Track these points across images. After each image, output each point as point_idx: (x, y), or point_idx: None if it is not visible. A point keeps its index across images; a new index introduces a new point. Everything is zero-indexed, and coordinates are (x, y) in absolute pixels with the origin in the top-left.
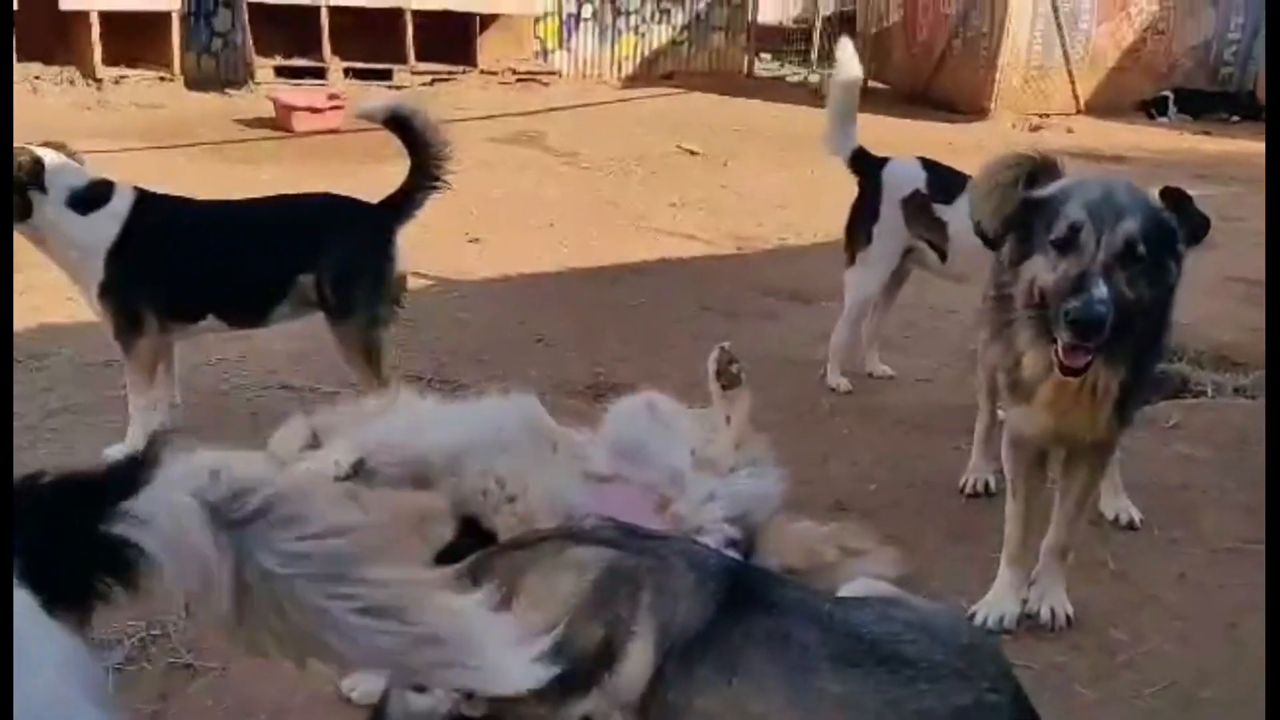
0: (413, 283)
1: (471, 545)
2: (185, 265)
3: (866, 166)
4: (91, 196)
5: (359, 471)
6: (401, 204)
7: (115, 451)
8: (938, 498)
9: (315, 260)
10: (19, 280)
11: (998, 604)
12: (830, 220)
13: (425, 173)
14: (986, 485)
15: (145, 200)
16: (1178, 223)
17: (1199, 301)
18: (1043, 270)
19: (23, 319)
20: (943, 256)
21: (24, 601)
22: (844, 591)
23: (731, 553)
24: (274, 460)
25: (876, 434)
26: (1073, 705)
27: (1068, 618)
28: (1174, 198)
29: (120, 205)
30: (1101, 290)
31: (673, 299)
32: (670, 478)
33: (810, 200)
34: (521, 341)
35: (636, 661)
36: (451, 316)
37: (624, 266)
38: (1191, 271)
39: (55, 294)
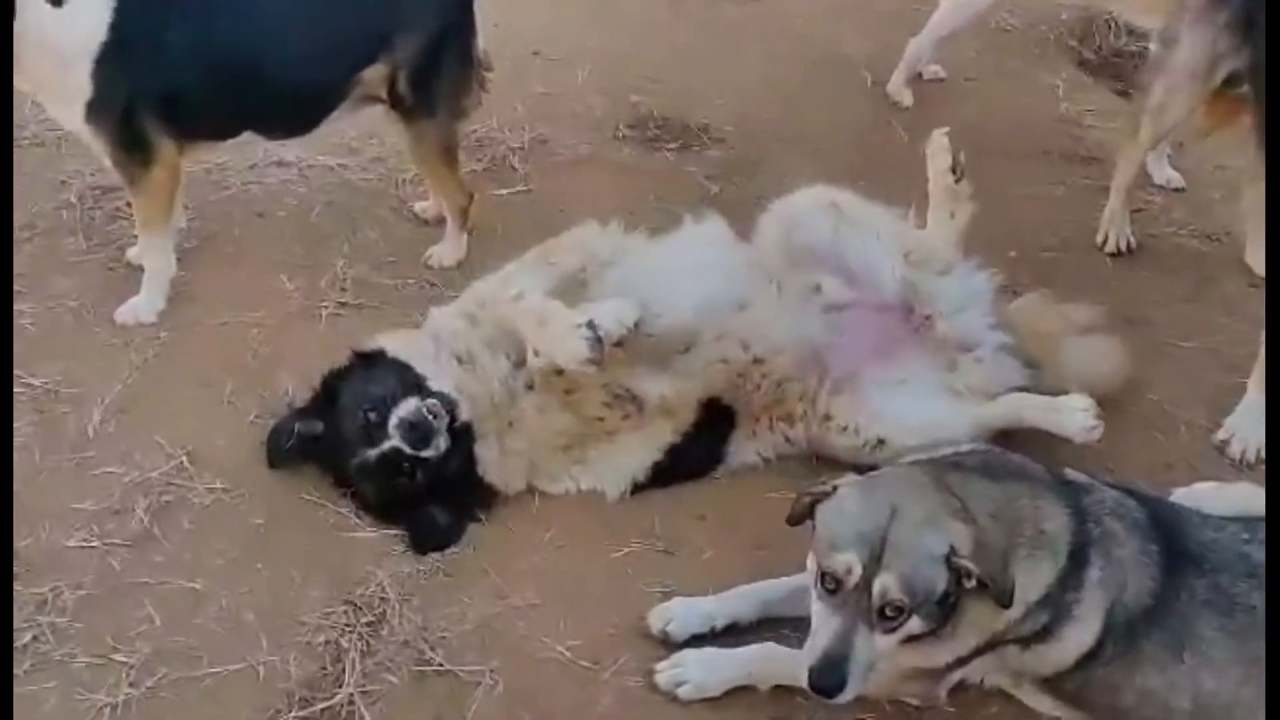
0: None
1: (713, 426)
2: (209, 67)
3: None
4: None
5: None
6: None
7: (131, 312)
8: (1079, 259)
9: (387, 46)
10: None
11: (1253, 431)
12: None
13: None
14: (1129, 243)
15: None
16: None
17: None
18: None
19: None
20: None
21: None
22: (1204, 500)
23: (1010, 361)
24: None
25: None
26: None
27: None
28: None
29: None
30: None
31: None
32: (903, 290)
33: None
34: (518, 58)
35: (1068, 644)
36: None
37: None
38: None
39: None
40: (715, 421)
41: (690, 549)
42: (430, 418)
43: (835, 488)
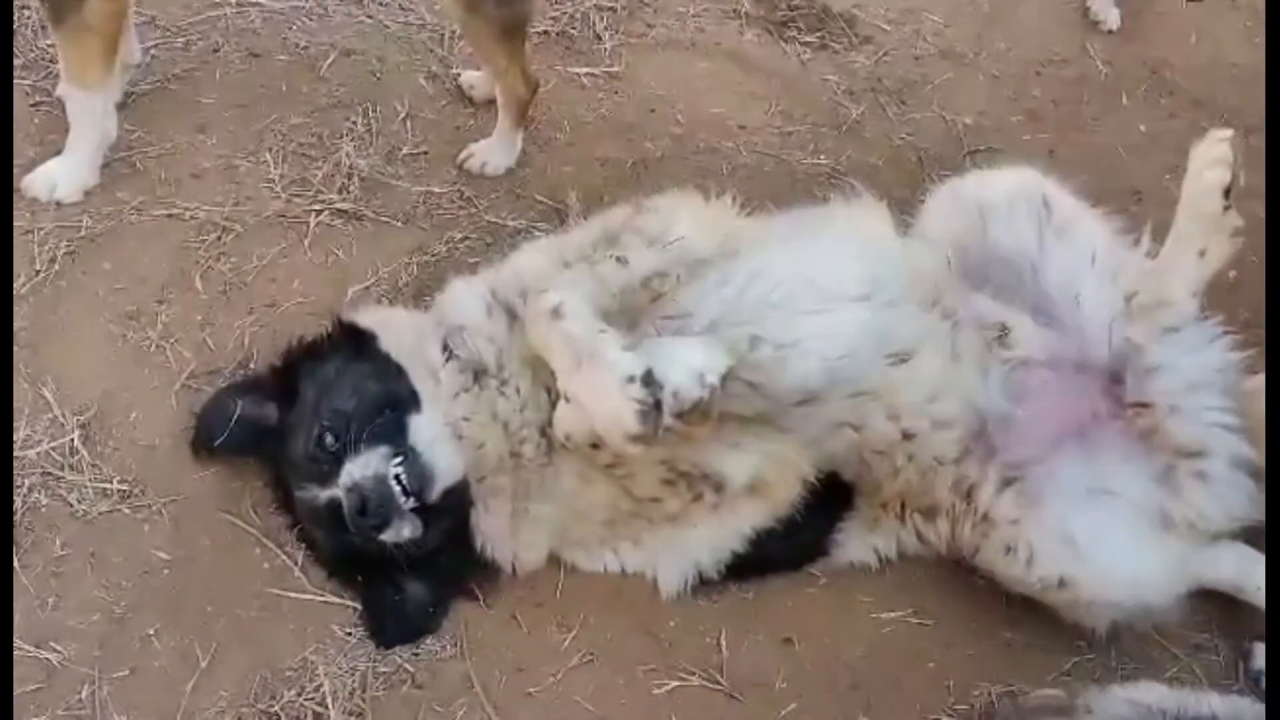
0: None
1: (822, 505)
2: None
3: None
4: None
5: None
6: None
7: (45, 183)
8: None
9: None
10: None
11: None
12: None
13: None
14: None
15: None
16: None
17: None
18: None
19: None
20: None
21: None
22: None
23: (1242, 479)
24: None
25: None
26: None
27: None
28: None
29: None
30: None
31: None
32: (1118, 352)
33: None
34: None
35: None
36: None
37: None
38: None
39: None
40: (826, 499)
41: (764, 694)
42: (395, 492)
43: None
